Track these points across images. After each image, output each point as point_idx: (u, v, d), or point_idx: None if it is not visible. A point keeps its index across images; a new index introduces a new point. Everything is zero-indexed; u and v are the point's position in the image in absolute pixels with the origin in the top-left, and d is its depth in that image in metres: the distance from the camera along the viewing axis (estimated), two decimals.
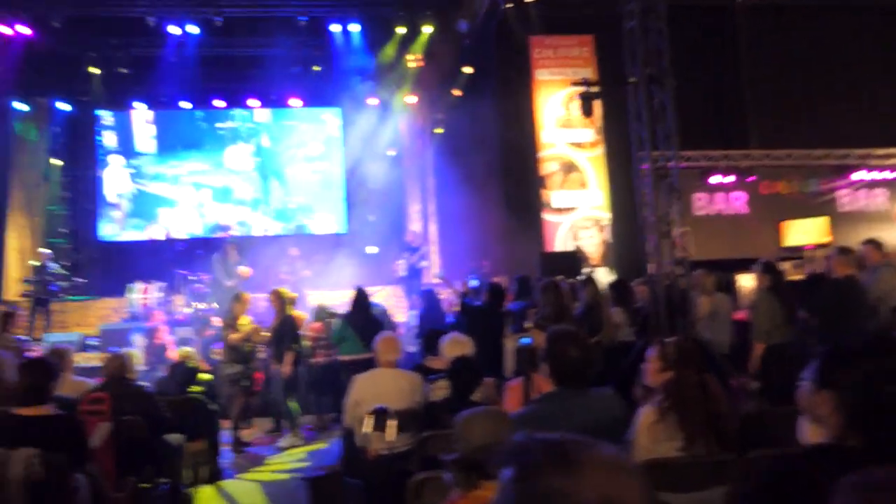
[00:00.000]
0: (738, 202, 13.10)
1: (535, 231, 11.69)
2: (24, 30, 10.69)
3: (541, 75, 11.78)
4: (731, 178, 12.81)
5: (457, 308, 7.41)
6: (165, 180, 13.64)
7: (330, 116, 14.03)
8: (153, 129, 13.70)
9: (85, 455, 3.54)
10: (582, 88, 7.24)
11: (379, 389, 4.25)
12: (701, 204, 12.96)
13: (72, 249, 13.25)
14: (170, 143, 13.72)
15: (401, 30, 11.60)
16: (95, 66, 12.13)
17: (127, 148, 13.62)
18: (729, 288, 8.05)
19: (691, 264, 6.97)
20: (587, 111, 7.43)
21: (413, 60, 12.20)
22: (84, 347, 9.80)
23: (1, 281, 12.58)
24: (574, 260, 9.99)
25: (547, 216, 11.66)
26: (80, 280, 12.10)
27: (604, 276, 9.06)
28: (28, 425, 3.35)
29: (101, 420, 4.23)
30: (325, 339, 7.65)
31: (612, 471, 0.88)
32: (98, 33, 11.60)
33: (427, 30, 11.62)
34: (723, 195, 13.05)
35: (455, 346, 4.48)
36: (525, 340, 3.30)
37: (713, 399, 2.77)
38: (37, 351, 7.50)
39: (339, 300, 11.43)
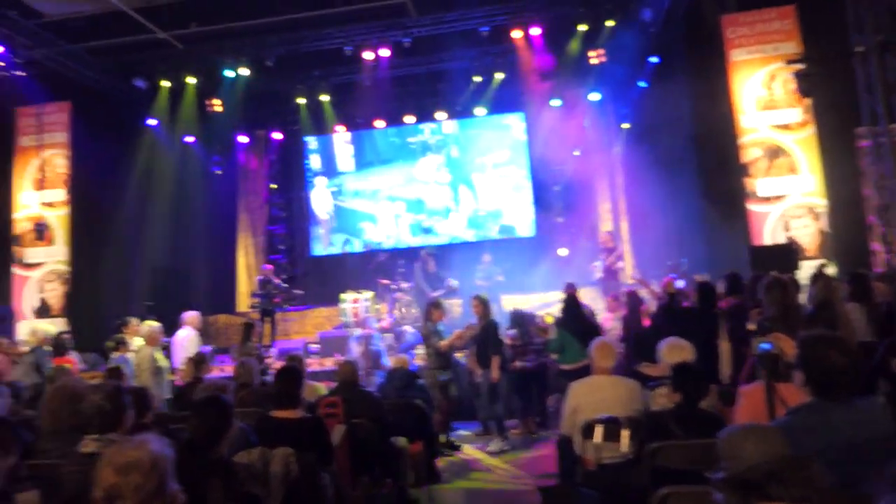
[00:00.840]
0: None
1: (738, 223, 10.85)
2: (244, 71, 12.00)
3: (736, 56, 10.94)
4: None
5: (655, 310, 7.09)
6: (364, 196, 14.59)
7: (514, 121, 14.17)
8: (351, 149, 14.74)
9: (329, 455, 3.85)
10: (795, 66, 6.55)
11: (597, 397, 4.17)
12: None
13: (289, 264, 14.65)
14: (366, 161, 14.66)
15: (582, 27, 11.38)
16: (302, 96, 13.31)
17: (329, 168, 14.78)
18: None
19: None
20: (806, 90, 6.69)
21: (595, 57, 11.92)
22: (307, 354, 10.72)
23: (234, 295, 14.26)
24: (789, 253, 9.12)
25: (752, 206, 10.77)
26: (298, 292, 13.27)
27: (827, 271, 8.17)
28: (283, 427, 3.72)
29: (337, 422, 4.58)
30: (521, 344, 7.68)
31: None
32: (303, 67, 12.71)
33: (609, 24, 11.28)
34: None
35: (675, 351, 4.28)
36: (765, 346, 3.03)
37: None
38: (270, 358, 8.35)
39: (533, 304, 11.56)
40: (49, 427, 3.56)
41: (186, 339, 8.24)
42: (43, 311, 12.24)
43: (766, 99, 10.80)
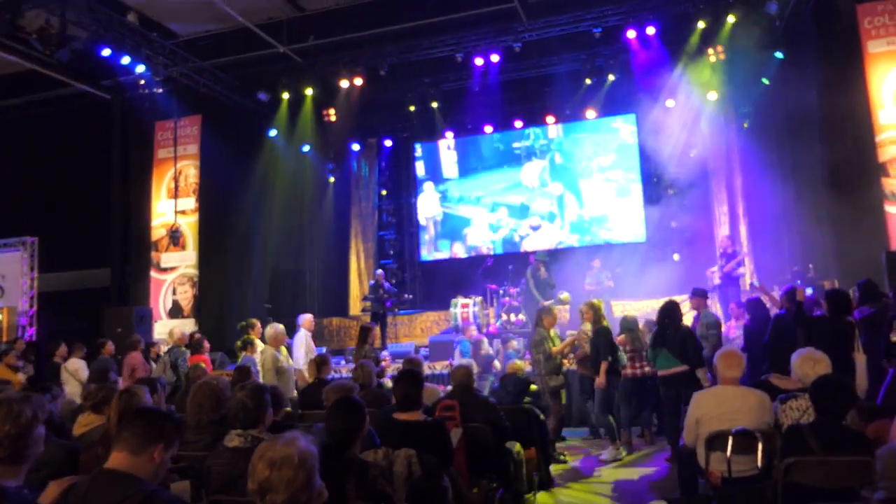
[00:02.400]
0: None
1: (874, 227, 10.05)
2: (358, 80, 12.44)
3: (874, 47, 10.16)
4: None
5: (778, 319, 6.71)
6: (467, 202, 14.70)
7: (622, 124, 13.84)
8: (454, 155, 14.91)
9: (449, 457, 3.91)
10: None
11: (724, 408, 4.00)
12: None
13: (398, 269, 15.00)
14: (470, 167, 14.79)
15: (701, 24, 10.96)
16: (413, 103, 13.62)
17: (435, 175, 15.00)
18: None
19: None
20: None
21: (714, 54, 11.45)
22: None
23: (347, 298, 14.78)
24: None
25: (891, 209, 9.97)
26: (408, 296, 13.57)
27: None
28: (405, 428, 3.82)
29: (454, 426, 4.64)
30: (631, 350, 7.49)
31: None
32: (415, 74, 13.03)
33: (731, 19, 10.80)
34: None
35: (810, 363, 4.04)
36: None
37: None
38: (386, 360, 8.58)
39: (645, 310, 11.24)
40: (193, 421, 3.83)
41: (299, 341, 8.62)
42: (175, 312, 13.18)
43: None
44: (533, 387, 6.48)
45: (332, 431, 3.02)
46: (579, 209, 14.01)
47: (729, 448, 3.56)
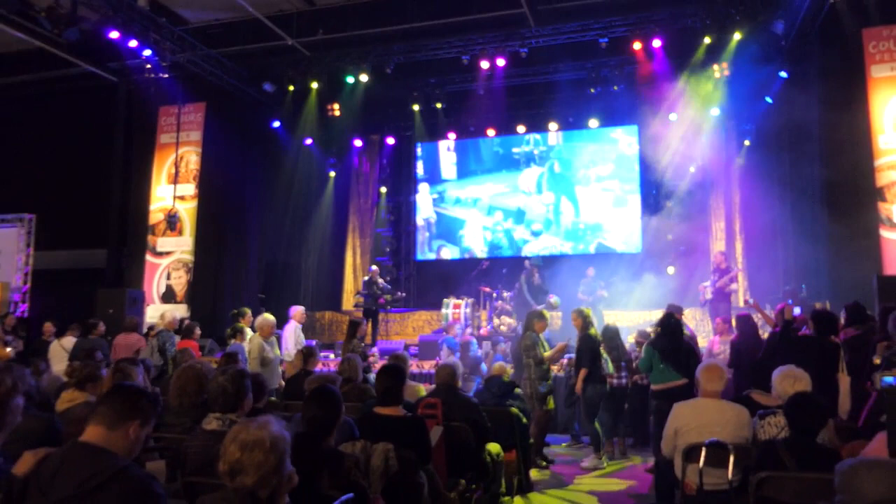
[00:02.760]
0: None
1: (868, 250, 10.10)
2: (364, 77, 12.47)
3: (877, 72, 10.21)
4: None
5: (768, 337, 6.73)
6: (464, 204, 14.73)
7: (621, 135, 13.88)
8: (454, 157, 14.94)
9: (427, 454, 3.94)
10: None
11: (702, 420, 4.04)
12: None
13: (394, 267, 15.03)
14: (469, 170, 14.82)
15: (707, 39, 11.00)
16: (417, 103, 13.65)
17: (433, 176, 15.03)
18: None
19: None
20: None
21: (719, 70, 11.50)
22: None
23: (341, 293, 14.81)
24: None
25: (886, 233, 10.02)
26: (401, 294, 13.59)
27: None
28: (385, 423, 3.85)
29: (435, 423, 4.67)
30: (613, 360, 7.53)
31: None
32: (420, 74, 13.07)
33: (737, 36, 10.84)
34: None
35: (790, 381, 4.07)
36: (889, 380, 2.84)
37: None
38: (374, 356, 8.60)
39: (636, 321, 11.27)
40: (175, 403, 3.86)
41: (288, 333, 8.65)
42: (168, 296, 13.20)
43: None
44: (517, 390, 6.49)
45: (309, 420, 3.04)
46: (575, 217, 14.05)
47: (702, 459, 3.59)
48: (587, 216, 13.98)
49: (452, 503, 4.44)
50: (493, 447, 5.12)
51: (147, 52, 11.57)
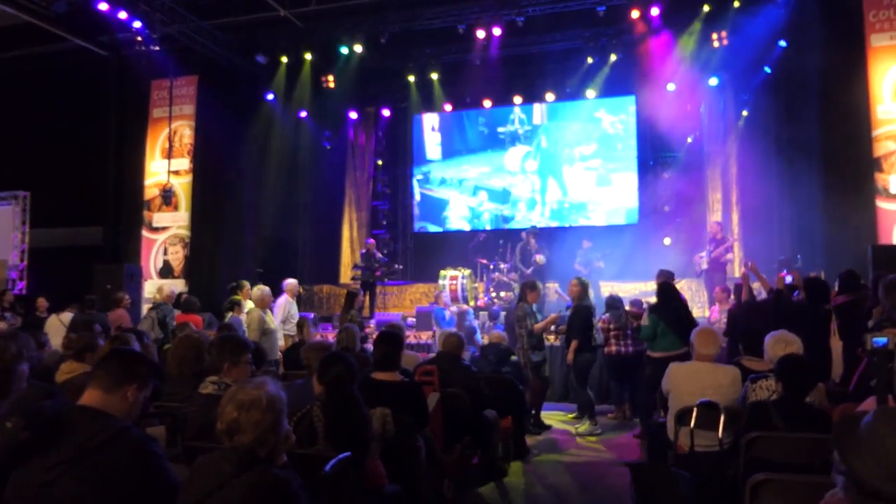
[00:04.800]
0: None
1: (864, 221, 10.14)
2: (358, 48, 12.33)
3: (877, 41, 10.16)
4: None
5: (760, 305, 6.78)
6: (449, 185, 14.67)
7: (605, 114, 13.78)
8: (438, 137, 14.86)
9: (424, 419, 3.99)
10: None
11: (695, 384, 4.09)
12: None
13: (391, 239, 15.03)
14: (455, 149, 14.74)
15: (706, 7, 10.89)
16: (412, 74, 13.52)
17: (418, 156, 14.96)
18: None
19: None
20: None
21: (717, 39, 11.39)
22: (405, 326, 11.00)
23: (338, 267, 14.82)
24: None
25: (882, 204, 10.04)
26: (398, 267, 13.61)
27: None
28: (382, 388, 3.89)
29: (432, 390, 4.72)
30: (615, 328, 7.58)
31: None
32: (416, 45, 12.89)
33: (735, 4, 10.74)
34: None
35: (781, 345, 4.10)
36: (880, 340, 2.86)
37: None
38: (370, 328, 8.64)
39: (632, 292, 11.32)
40: (175, 373, 3.89)
41: (279, 306, 8.65)
42: (165, 271, 13.22)
43: None
44: (513, 356, 6.55)
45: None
46: (562, 196, 14.02)
47: (693, 420, 3.64)
48: (572, 195, 13.94)
49: (450, 467, 4.50)
50: (490, 413, 5.18)
51: (137, 25, 11.42)
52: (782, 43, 11.30)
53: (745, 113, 12.52)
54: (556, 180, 14.08)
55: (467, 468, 4.80)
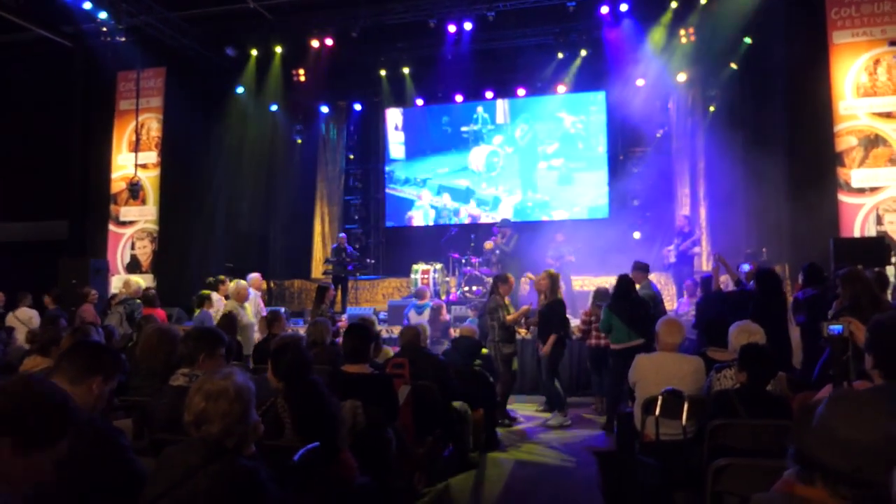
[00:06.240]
0: None
1: (827, 215, 10.37)
2: (329, 41, 12.25)
3: (839, 38, 10.38)
4: None
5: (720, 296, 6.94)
6: (413, 185, 14.69)
7: (566, 115, 13.90)
8: (402, 136, 14.86)
9: (394, 411, 4.01)
10: None
11: (660, 373, 4.17)
12: None
13: (363, 234, 14.98)
14: (419, 148, 14.75)
15: (674, 3, 11.03)
16: (384, 68, 13.47)
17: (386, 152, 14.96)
18: None
19: None
20: None
21: (685, 35, 11.55)
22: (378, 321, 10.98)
23: (310, 261, 14.73)
24: (879, 247, 8.71)
25: (844, 198, 10.29)
26: (370, 261, 13.57)
27: None
28: (353, 380, 3.89)
29: (402, 383, 4.74)
30: (597, 321, 7.66)
31: None
32: (387, 39, 12.84)
33: (702, 1, 10.89)
34: None
35: (745, 334, 4.21)
36: (835, 328, 2.96)
37: None
38: (343, 321, 8.62)
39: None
40: (144, 366, 3.85)
41: (249, 300, 8.58)
42: (133, 266, 13.01)
43: (867, 85, 10.26)
44: (484, 350, 6.59)
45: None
46: (525, 194, 14.11)
47: (658, 408, 3.71)
48: (536, 193, 14.04)
49: (421, 459, 4.53)
50: (459, 405, 5.21)
51: (103, 15, 11.21)
52: (747, 40, 11.50)
53: (712, 108, 12.72)
54: (519, 179, 14.17)
55: (438, 460, 4.83)
